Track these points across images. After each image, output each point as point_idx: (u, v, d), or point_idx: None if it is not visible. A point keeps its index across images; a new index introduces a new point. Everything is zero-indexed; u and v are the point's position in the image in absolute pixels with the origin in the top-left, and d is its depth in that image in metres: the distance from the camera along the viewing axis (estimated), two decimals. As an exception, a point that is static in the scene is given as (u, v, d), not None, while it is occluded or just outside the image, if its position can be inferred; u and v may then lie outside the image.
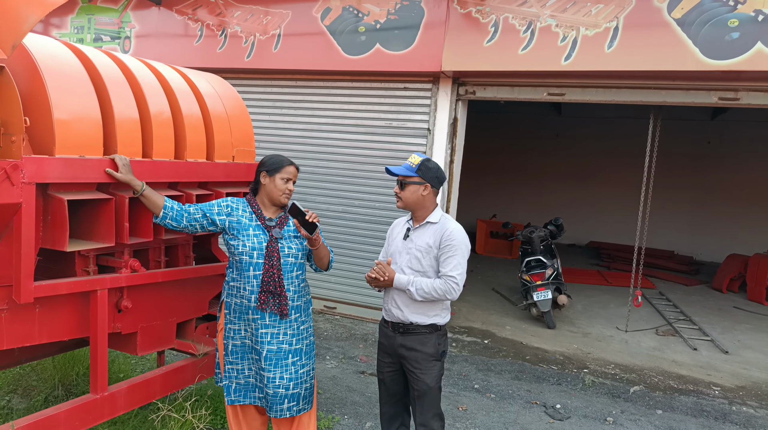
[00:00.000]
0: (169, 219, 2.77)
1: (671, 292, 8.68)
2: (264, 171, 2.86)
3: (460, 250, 2.75)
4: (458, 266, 2.72)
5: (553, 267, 6.62)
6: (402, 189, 2.83)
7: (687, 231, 11.79)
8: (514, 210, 12.58)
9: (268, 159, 2.90)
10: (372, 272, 2.78)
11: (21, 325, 2.54)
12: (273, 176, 2.84)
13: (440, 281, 2.71)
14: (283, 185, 2.84)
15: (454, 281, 2.70)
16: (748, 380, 5.23)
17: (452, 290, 2.70)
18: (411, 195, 2.81)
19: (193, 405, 3.33)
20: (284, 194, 2.85)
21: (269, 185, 2.85)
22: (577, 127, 12.49)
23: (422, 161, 2.82)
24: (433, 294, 2.70)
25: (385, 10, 5.90)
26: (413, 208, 2.85)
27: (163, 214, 2.76)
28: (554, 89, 5.63)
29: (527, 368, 5.24)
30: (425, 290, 2.70)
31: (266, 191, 2.86)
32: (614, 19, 5.00)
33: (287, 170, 2.86)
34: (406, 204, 2.85)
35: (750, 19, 4.59)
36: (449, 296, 2.72)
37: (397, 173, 2.82)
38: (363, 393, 4.43)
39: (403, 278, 2.74)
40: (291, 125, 6.65)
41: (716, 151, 11.62)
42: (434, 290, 2.70)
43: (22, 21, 2.21)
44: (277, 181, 2.83)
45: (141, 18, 7.25)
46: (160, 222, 2.78)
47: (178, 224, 2.80)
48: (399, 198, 2.85)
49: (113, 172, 2.67)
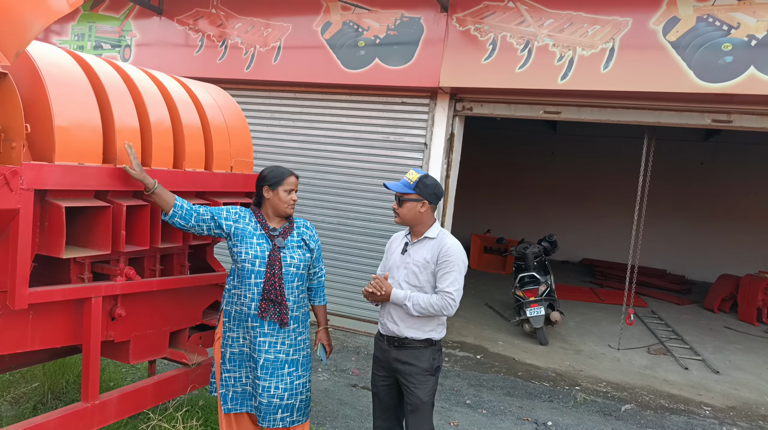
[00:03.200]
0: (178, 217, 2.79)
1: (663, 311, 8.71)
2: (266, 185, 2.87)
3: (458, 266, 2.76)
4: (455, 282, 2.73)
5: (546, 283, 6.64)
6: (400, 205, 2.84)
7: (680, 250, 11.85)
8: (508, 226, 12.63)
9: (269, 172, 2.90)
10: (369, 286, 2.79)
11: (14, 331, 2.53)
12: (276, 190, 2.85)
13: (437, 297, 2.72)
14: (287, 197, 2.86)
15: (450, 297, 2.71)
16: (739, 400, 5.25)
17: (449, 306, 2.71)
18: (408, 212, 2.83)
19: (185, 415, 3.31)
20: (289, 205, 2.87)
21: (273, 199, 2.86)
22: (573, 145, 12.60)
23: (420, 178, 2.82)
24: (429, 310, 2.71)
25: (385, 26, 5.97)
26: (411, 224, 2.87)
27: (172, 212, 2.78)
28: (550, 107, 5.70)
29: (519, 384, 5.24)
30: (422, 305, 2.71)
31: (271, 204, 2.88)
32: (610, 41, 5.07)
33: (289, 182, 2.87)
34: (404, 220, 2.86)
35: (743, 43, 4.67)
36: (445, 312, 2.73)
37: (395, 190, 2.83)
38: (355, 406, 4.41)
39: (400, 293, 2.75)
40: (289, 137, 6.68)
41: (709, 172, 11.73)
42: (431, 305, 2.70)
43: (27, 29, 2.23)
44: (281, 194, 2.85)
45: (142, 27, 7.30)
46: (169, 220, 2.80)
47: (186, 223, 2.82)
48: (397, 214, 2.87)
49: (129, 169, 2.70)
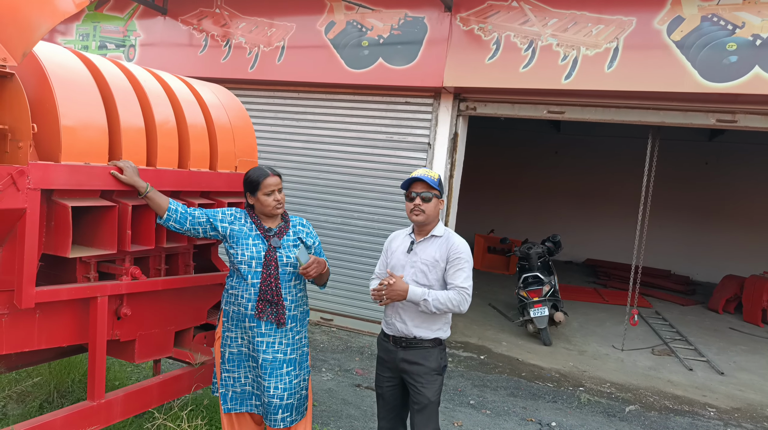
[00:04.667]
0: (173, 221, 2.80)
1: (667, 311, 8.69)
2: (247, 192, 2.88)
3: (468, 263, 2.79)
4: (468, 279, 2.75)
5: (550, 284, 6.63)
6: (426, 202, 2.79)
7: (684, 251, 11.82)
8: (511, 226, 12.62)
9: (246, 178, 2.87)
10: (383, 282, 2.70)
11: (21, 330, 2.54)
12: (256, 195, 2.83)
13: (454, 292, 2.71)
14: (269, 199, 2.82)
15: (467, 292, 2.72)
16: (744, 401, 5.23)
17: (464, 302, 2.71)
18: (434, 209, 2.81)
19: (189, 415, 3.32)
20: (274, 207, 2.84)
21: (256, 204, 2.86)
22: (576, 145, 12.58)
23: (440, 176, 2.87)
24: (448, 305, 2.68)
25: (388, 26, 5.97)
26: (430, 221, 2.84)
27: (167, 215, 2.78)
28: (554, 107, 5.69)
29: (523, 384, 5.23)
30: (441, 301, 2.67)
31: (257, 209, 2.89)
32: (614, 40, 5.07)
33: (266, 184, 2.81)
34: (428, 218, 2.81)
35: (748, 43, 4.66)
36: (462, 308, 2.71)
37: (433, 185, 2.79)
38: (358, 406, 4.41)
39: (418, 290, 2.69)
40: (293, 136, 6.69)
41: (713, 172, 11.70)
42: (449, 301, 2.68)
43: (33, 29, 2.24)
44: (261, 198, 2.82)
45: (146, 27, 7.32)
46: (164, 223, 2.81)
47: (181, 227, 2.82)
48: (421, 211, 2.79)
49: (118, 174, 2.69)
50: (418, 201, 2.79)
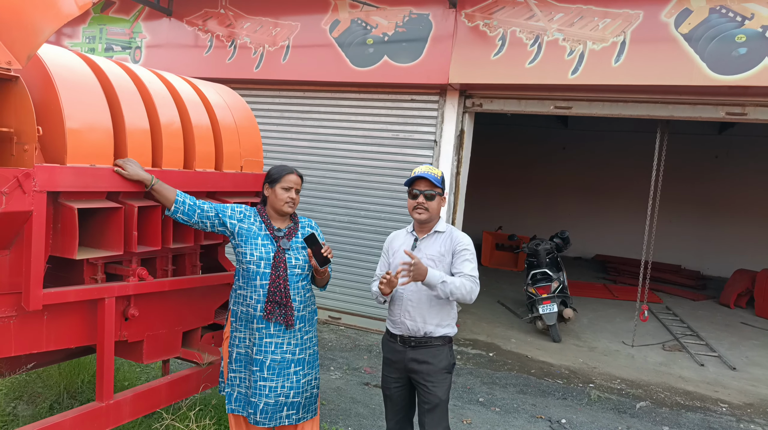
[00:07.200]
0: (180, 213, 2.80)
1: (678, 307, 8.62)
2: (266, 182, 2.89)
3: (473, 254, 2.82)
4: (475, 269, 2.77)
5: (558, 280, 6.60)
6: (430, 200, 2.80)
7: (694, 245, 11.73)
8: (519, 222, 12.58)
9: (271, 169, 2.93)
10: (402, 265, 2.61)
11: (29, 332, 2.56)
12: (274, 187, 2.86)
13: (466, 279, 2.70)
14: (284, 194, 2.84)
15: (475, 280, 2.72)
16: (756, 397, 5.18)
17: (475, 289, 2.70)
18: (437, 206, 2.83)
19: (197, 415, 3.33)
20: (286, 203, 2.85)
21: (271, 196, 2.87)
22: (584, 141, 12.50)
23: (443, 173, 2.89)
24: (462, 291, 2.65)
25: (393, 23, 5.95)
26: (432, 219, 2.86)
27: (174, 208, 2.79)
28: (561, 102, 5.65)
29: (532, 381, 5.21)
30: (456, 285, 2.64)
31: (270, 202, 2.88)
32: (621, 34, 5.02)
33: (287, 179, 2.85)
34: (431, 215, 2.83)
35: (757, 35, 4.60)
36: (473, 295, 2.70)
37: (436, 183, 2.79)
38: (367, 405, 4.41)
39: (437, 272, 2.65)
40: (299, 136, 6.69)
41: (723, 166, 11.59)
42: (463, 286, 2.66)
43: (38, 32, 2.25)
44: (278, 191, 2.84)
45: (152, 28, 7.34)
46: (172, 215, 2.81)
47: (189, 219, 2.82)
48: (425, 209, 2.79)
49: (121, 170, 2.70)
50: (422, 199, 2.79)
